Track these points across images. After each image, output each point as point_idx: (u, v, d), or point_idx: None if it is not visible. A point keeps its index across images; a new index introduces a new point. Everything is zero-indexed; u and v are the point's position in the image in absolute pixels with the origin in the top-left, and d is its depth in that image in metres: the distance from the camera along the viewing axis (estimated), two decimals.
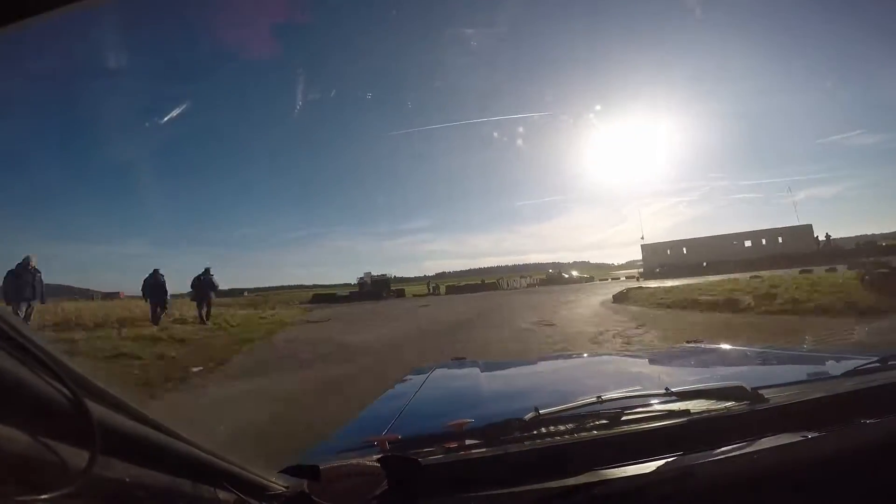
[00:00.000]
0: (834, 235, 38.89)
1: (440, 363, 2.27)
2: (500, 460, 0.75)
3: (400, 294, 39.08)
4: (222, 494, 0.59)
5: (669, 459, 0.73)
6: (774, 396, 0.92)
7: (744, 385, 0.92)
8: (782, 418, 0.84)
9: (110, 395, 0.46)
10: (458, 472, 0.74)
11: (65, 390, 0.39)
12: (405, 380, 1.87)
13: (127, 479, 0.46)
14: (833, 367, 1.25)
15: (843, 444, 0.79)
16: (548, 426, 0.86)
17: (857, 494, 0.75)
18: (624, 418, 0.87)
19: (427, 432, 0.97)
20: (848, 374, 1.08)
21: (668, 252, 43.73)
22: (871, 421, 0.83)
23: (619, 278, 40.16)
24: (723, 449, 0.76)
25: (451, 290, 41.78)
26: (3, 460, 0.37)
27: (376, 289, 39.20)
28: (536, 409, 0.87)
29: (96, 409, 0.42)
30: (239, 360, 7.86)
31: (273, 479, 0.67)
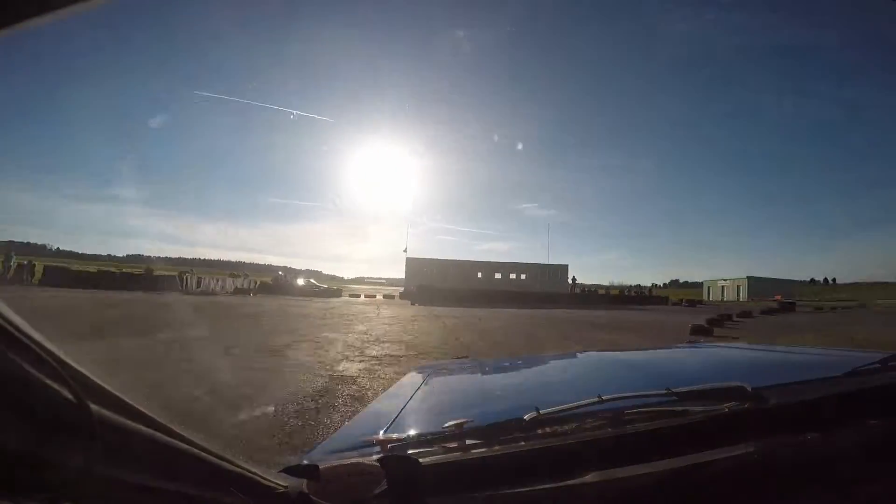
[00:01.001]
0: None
1: (440, 363, 2.27)
2: (500, 460, 0.75)
3: None
4: (221, 494, 0.59)
5: (670, 460, 0.73)
6: (774, 396, 0.92)
7: (744, 385, 0.92)
8: (782, 418, 0.84)
9: (110, 394, 0.46)
10: (458, 472, 0.73)
11: (66, 389, 0.39)
12: (405, 379, 1.87)
13: (126, 479, 0.46)
14: (833, 368, 1.25)
15: (843, 445, 0.79)
16: (548, 426, 0.86)
17: (857, 495, 0.75)
18: (624, 418, 0.87)
19: (427, 432, 0.97)
20: (848, 375, 1.08)
21: (433, 271, 39.17)
22: (872, 422, 0.83)
23: (373, 295, 34.41)
24: (723, 449, 0.76)
25: (57, 277, 23.45)
26: (3, 459, 0.37)
27: None
28: (537, 409, 0.87)
29: (96, 408, 0.42)
30: None
31: (272, 479, 0.67)
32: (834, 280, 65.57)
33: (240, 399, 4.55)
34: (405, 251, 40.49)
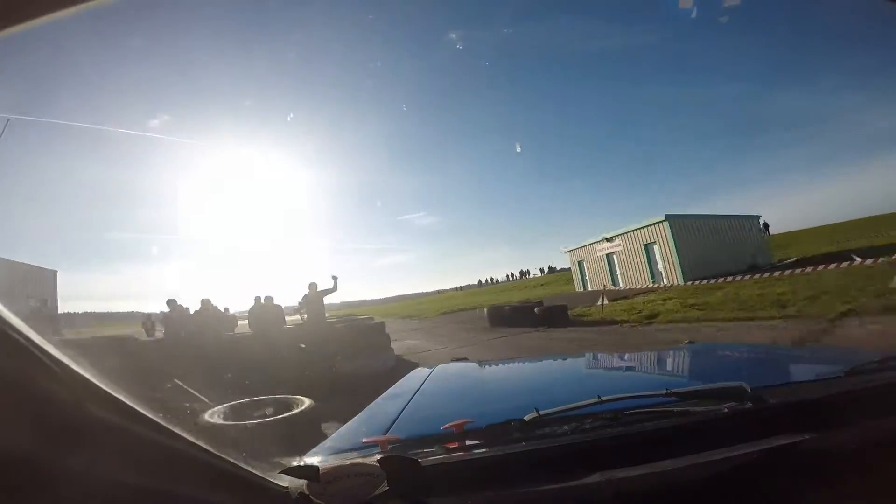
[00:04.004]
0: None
1: (440, 363, 2.28)
2: (500, 460, 0.75)
3: None
4: (222, 495, 0.59)
5: (670, 460, 0.73)
6: (774, 396, 0.92)
7: (744, 385, 0.92)
8: (782, 418, 0.84)
9: (110, 396, 0.46)
10: (458, 472, 0.73)
11: (65, 391, 0.39)
12: (405, 380, 1.87)
13: (127, 481, 0.46)
14: (833, 368, 1.25)
15: (843, 445, 0.79)
16: (548, 426, 0.86)
17: (857, 495, 0.75)
18: (624, 418, 0.87)
19: (427, 432, 0.97)
20: (848, 375, 1.08)
21: None
22: (872, 421, 0.83)
23: None
24: (723, 449, 0.76)
25: None
26: (3, 461, 0.37)
27: None
28: (536, 410, 0.87)
29: (96, 409, 0.42)
30: None
31: (273, 480, 0.67)
32: None
33: None
34: None
